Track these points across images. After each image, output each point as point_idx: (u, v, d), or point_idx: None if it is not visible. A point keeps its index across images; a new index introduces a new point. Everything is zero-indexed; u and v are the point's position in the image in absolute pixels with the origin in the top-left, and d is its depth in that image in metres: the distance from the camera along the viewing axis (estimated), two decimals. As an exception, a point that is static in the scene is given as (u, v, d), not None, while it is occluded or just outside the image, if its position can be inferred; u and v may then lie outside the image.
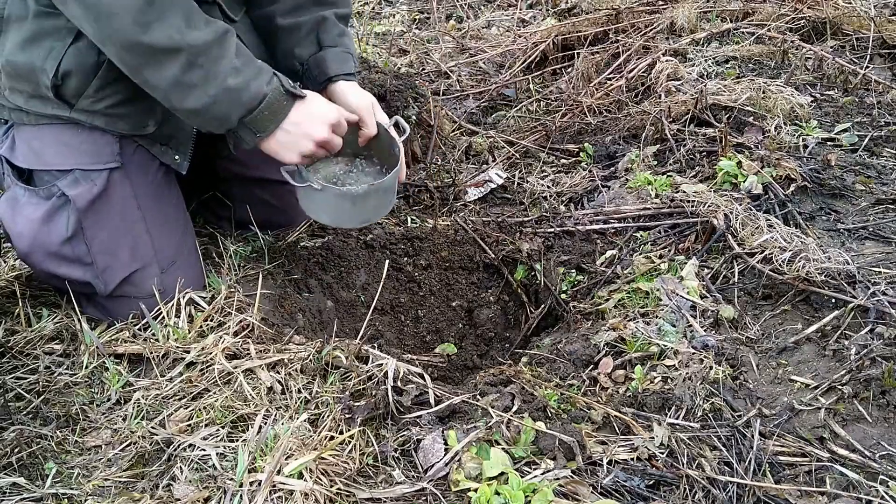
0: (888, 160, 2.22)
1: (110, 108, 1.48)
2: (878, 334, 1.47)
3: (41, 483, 1.23)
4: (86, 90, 1.45)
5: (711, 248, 1.84)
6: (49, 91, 1.42)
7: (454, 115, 2.82)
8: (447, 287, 2.13)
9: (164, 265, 1.60)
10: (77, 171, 1.49)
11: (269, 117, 1.45)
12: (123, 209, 1.54)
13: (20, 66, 1.43)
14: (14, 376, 1.45)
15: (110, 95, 1.47)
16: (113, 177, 1.52)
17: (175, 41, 1.32)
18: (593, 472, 1.23)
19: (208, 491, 1.18)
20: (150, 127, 1.53)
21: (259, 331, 1.58)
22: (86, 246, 1.51)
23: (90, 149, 1.50)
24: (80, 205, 1.48)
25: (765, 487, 1.20)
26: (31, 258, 1.54)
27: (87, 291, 1.58)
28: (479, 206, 2.28)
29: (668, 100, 2.59)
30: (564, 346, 1.65)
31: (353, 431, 1.27)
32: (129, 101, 1.48)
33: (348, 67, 1.69)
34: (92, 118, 1.48)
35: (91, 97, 1.46)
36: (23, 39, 1.42)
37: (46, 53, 1.41)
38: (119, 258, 1.54)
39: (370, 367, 1.44)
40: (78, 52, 1.41)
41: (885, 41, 2.92)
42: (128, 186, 1.54)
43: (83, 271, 1.53)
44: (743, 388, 1.45)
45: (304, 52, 1.69)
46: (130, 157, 1.54)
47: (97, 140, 1.51)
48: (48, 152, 1.50)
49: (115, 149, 1.52)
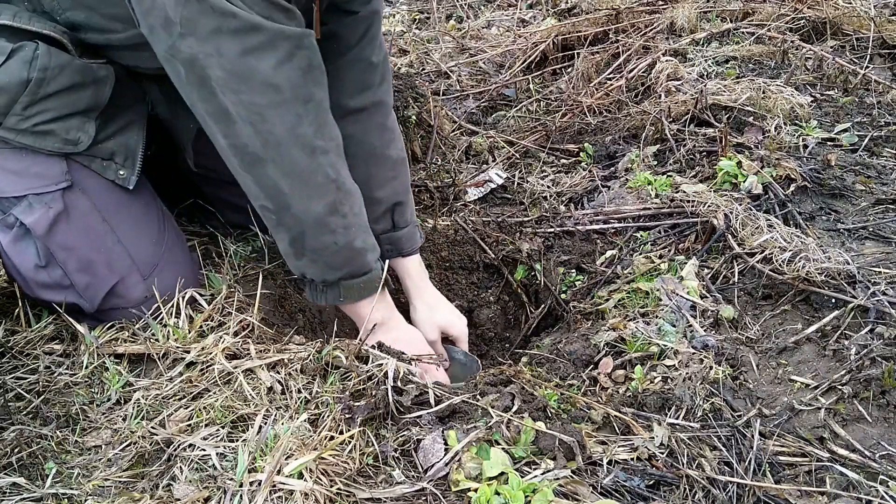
0: (888, 160, 2.22)
1: (38, 126, 1.43)
2: (878, 334, 1.47)
3: (41, 483, 1.23)
4: (13, 108, 1.40)
5: (711, 248, 1.84)
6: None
7: (454, 115, 2.82)
8: (447, 287, 2.13)
9: (145, 271, 1.57)
10: (30, 196, 1.45)
11: (362, 291, 1.54)
12: (88, 225, 1.51)
13: None
14: (14, 376, 1.45)
15: (38, 113, 1.42)
16: (68, 196, 1.48)
17: (330, 179, 1.41)
18: (593, 472, 1.23)
19: (208, 491, 1.18)
20: (82, 143, 1.48)
21: (259, 331, 1.58)
22: (61, 270, 1.49)
23: (38, 171, 1.46)
24: (39, 231, 1.45)
25: (765, 487, 1.20)
26: (18, 285, 1.54)
27: (78, 309, 1.57)
28: (479, 206, 2.28)
29: (668, 100, 2.59)
30: (564, 346, 1.65)
31: (353, 431, 1.27)
32: (58, 119, 1.45)
33: (417, 241, 1.83)
34: (20, 136, 1.43)
35: (18, 115, 1.41)
36: None
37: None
38: (97, 274, 1.52)
39: (370, 367, 1.44)
40: (8, 70, 1.38)
41: (885, 41, 2.92)
42: (86, 202, 1.50)
43: (65, 294, 1.51)
44: (743, 388, 1.45)
45: (379, 227, 1.76)
46: (81, 173, 1.50)
47: (43, 162, 1.46)
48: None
49: (63, 168, 1.48)
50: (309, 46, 1.36)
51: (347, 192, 1.46)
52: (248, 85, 1.30)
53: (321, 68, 1.40)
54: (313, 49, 1.37)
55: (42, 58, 1.39)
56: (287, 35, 1.31)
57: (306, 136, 1.37)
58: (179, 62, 1.30)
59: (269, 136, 1.34)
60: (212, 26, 1.25)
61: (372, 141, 1.71)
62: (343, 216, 1.45)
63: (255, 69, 1.29)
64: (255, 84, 1.30)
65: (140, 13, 1.31)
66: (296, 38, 1.32)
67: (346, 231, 1.46)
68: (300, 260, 1.50)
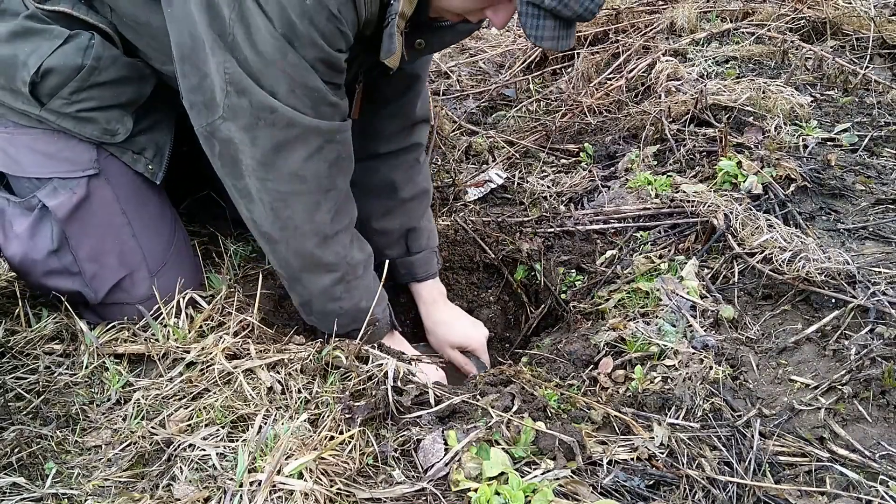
0: (888, 160, 2.22)
1: (81, 112, 1.46)
2: (878, 334, 1.47)
3: (41, 483, 1.23)
4: (61, 91, 1.43)
5: (711, 248, 1.83)
6: (25, 86, 1.41)
7: (454, 115, 2.82)
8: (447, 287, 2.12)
9: (153, 269, 1.59)
10: (56, 180, 1.48)
11: (372, 336, 1.60)
12: (107, 216, 1.53)
13: (2, 57, 1.42)
14: (14, 376, 1.45)
15: (84, 100, 1.46)
16: (93, 184, 1.50)
17: (340, 258, 1.50)
18: (593, 472, 1.23)
19: (208, 491, 1.18)
20: (119, 135, 1.52)
21: (259, 331, 1.58)
22: (72, 256, 1.50)
23: (68, 156, 1.49)
24: (60, 216, 1.47)
25: (765, 487, 1.20)
26: (22, 273, 1.54)
27: (81, 300, 1.58)
28: (479, 206, 2.28)
29: (668, 100, 2.59)
30: (564, 346, 1.65)
31: (353, 431, 1.27)
32: (101, 108, 1.48)
33: (432, 268, 1.86)
34: (61, 120, 1.46)
35: (65, 98, 1.44)
36: (9, 32, 1.41)
37: (32, 49, 1.41)
38: (107, 265, 1.53)
39: (370, 367, 1.44)
40: (64, 53, 1.41)
41: (885, 41, 2.92)
42: (109, 192, 1.53)
43: (72, 281, 1.52)
44: (743, 388, 1.45)
45: (393, 252, 1.82)
46: (109, 163, 1.53)
47: (75, 147, 1.49)
48: (25, 160, 1.48)
49: (92, 155, 1.50)
50: (340, 140, 1.42)
51: (355, 265, 1.54)
52: (276, 174, 1.37)
53: (350, 158, 1.48)
54: (344, 142, 1.44)
55: (97, 47, 1.44)
56: (321, 131, 1.37)
57: (321, 223, 1.45)
58: (216, 140, 1.36)
59: (287, 221, 1.42)
60: (250, 118, 1.31)
61: (394, 178, 1.77)
62: (347, 283, 1.53)
63: (286, 161, 1.36)
64: (283, 174, 1.37)
65: (184, 88, 1.36)
66: (329, 132, 1.39)
67: (350, 296, 1.55)
68: (310, 317, 1.60)
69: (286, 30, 1.25)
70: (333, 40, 1.30)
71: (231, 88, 1.29)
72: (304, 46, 1.27)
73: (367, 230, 1.73)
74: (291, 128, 1.33)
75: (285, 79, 1.29)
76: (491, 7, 1.36)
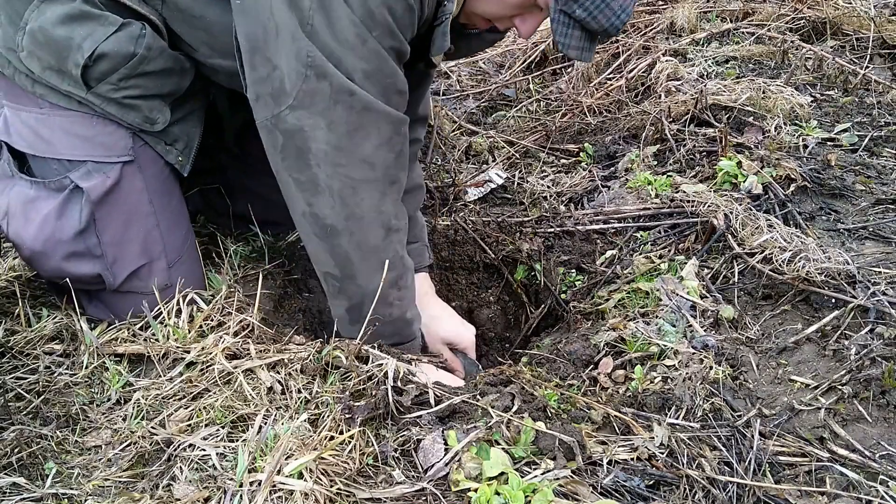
0: (888, 160, 2.22)
1: (126, 99, 1.49)
2: (878, 334, 1.47)
3: (41, 483, 1.23)
4: (110, 77, 1.46)
5: (711, 248, 1.83)
6: (76, 69, 1.43)
7: (454, 115, 2.82)
8: (447, 287, 2.13)
9: (171, 260, 1.61)
10: (90, 163, 1.50)
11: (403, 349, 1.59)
12: (135, 203, 1.55)
13: (56, 38, 1.43)
14: (14, 376, 1.45)
15: (131, 87, 1.49)
16: (125, 170, 1.53)
17: (398, 257, 1.50)
18: (593, 472, 1.23)
19: (208, 491, 1.18)
20: (158, 124, 1.55)
21: (259, 331, 1.58)
22: (97, 238, 1.51)
23: (105, 141, 1.51)
24: (94, 197, 1.49)
25: (765, 487, 1.20)
26: (42, 257, 1.52)
27: (93, 288, 1.58)
28: (479, 206, 2.28)
29: (668, 100, 2.59)
30: (564, 346, 1.65)
31: (353, 431, 1.27)
32: (145, 97, 1.51)
33: (424, 260, 1.85)
34: (105, 105, 1.49)
35: (113, 84, 1.47)
36: (66, 14, 1.43)
37: (88, 33, 1.42)
38: (129, 251, 1.55)
39: (370, 367, 1.43)
40: (118, 39, 1.44)
41: (885, 41, 2.92)
42: (140, 180, 1.55)
43: (93, 264, 1.53)
44: (743, 388, 1.45)
45: None
46: (143, 152, 1.56)
47: (112, 133, 1.52)
48: (59, 142, 1.50)
49: (128, 143, 1.53)
50: (404, 133, 1.44)
51: (408, 268, 1.55)
52: (350, 159, 1.37)
53: (407, 155, 1.49)
54: (406, 136, 1.45)
55: (148, 37, 1.46)
56: (392, 118, 1.39)
57: (387, 215, 1.45)
58: (280, 131, 1.36)
59: (355, 209, 1.41)
60: (328, 102, 1.32)
61: None
62: (400, 289, 1.53)
63: (360, 146, 1.37)
64: (356, 160, 1.38)
65: (251, 80, 1.37)
66: (398, 122, 1.41)
67: (401, 303, 1.55)
68: (354, 326, 1.54)
69: (365, 17, 1.28)
70: (406, 32, 1.35)
71: (311, 73, 1.30)
72: (382, 35, 1.31)
73: None
74: (367, 112, 1.35)
75: (362, 65, 1.32)
76: (520, 16, 1.43)
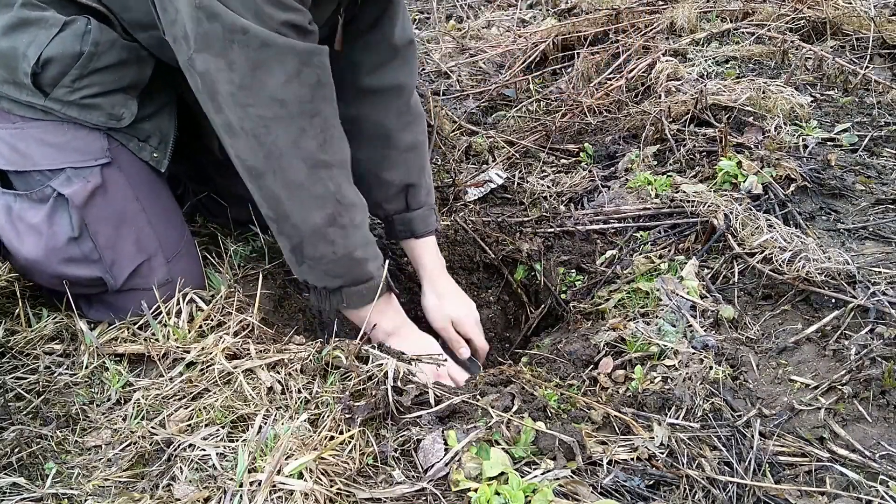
0: (888, 160, 2.22)
1: (85, 99, 1.47)
2: (878, 334, 1.47)
3: (41, 483, 1.23)
4: (63, 79, 1.44)
5: (711, 248, 1.84)
6: (27, 78, 1.42)
7: (454, 115, 2.82)
8: (447, 287, 2.12)
9: (168, 255, 1.61)
10: (68, 170, 1.48)
11: (364, 298, 1.55)
12: (122, 203, 1.54)
13: (2, 50, 1.42)
14: (14, 376, 1.45)
15: (86, 87, 1.46)
16: (106, 172, 1.52)
17: (330, 192, 1.43)
18: (593, 472, 1.23)
19: (208, 491, 1.18)
20: (125, 119, 1.52)
21: (259, 331, 1.58)
22: (92, 242, 1.51)
23: (79, 146, 1.49)
24: (77, 202, 1.47)
25: (765, 487, 1.20)
26: (39, 265, 1.51)
27: (93, 292, 1.58)
28: (479, 206, 2.28)
29: (668, 100, 2.59)
30: (564, 346, 1.65)
31: (353, 431, 1.27)
32: (104, 93, 1.49)
33: (431, 224, 1.83)
34: (66, 109, 1.47)
35: (67, 87, 1.45)
36: (6, 25, 1.42)
37: (30, 40, 1.41)
38: (125, 251, 1.55)
39: (370, 367, 1.43)
40: (62, 40, 1.42)
41: (885, 41, 2.92)
42: (122, 179, 1.54)
43: (92, 269, 1.53)
44: (743, 388, 1.45)
45: (392, 207, 1.80)
46: (120, 153, 1.54)
47: (85, 137, 1.50)
48: (36, 153, 1.49)
49: (104, 144, 1.52)
50: (318, 64, 1.39)
51: (349, 205, 1.48)
52: (256, 99, 1.33)
53: (331, 85, 1.43)
54: (323, 66, 1.40)
55: (94, 32, 1.44)
56: (297, 51, 1.34)
57: (308, 150, 1.39)
58: (196, 74, 1.34)
59: (272, 147, 1.36)
60: (224, 42, 1.29)
61: (386, 123, 1.73)
62: (342, 227, 1.47)
63: (264, 84, 1.33)
64: (263, 98, 1.33)
65: (165, 23, 1.35)
66: (305, 53, 1.35)
67: (344, 241, 1.48)
68: (301, 266, 1.52)
69: None
70: None
71: (202, 14, 1.27)
72: None
73: (366, 183, 1.71)
74: (266, 48, 1.30)
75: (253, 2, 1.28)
76: None
